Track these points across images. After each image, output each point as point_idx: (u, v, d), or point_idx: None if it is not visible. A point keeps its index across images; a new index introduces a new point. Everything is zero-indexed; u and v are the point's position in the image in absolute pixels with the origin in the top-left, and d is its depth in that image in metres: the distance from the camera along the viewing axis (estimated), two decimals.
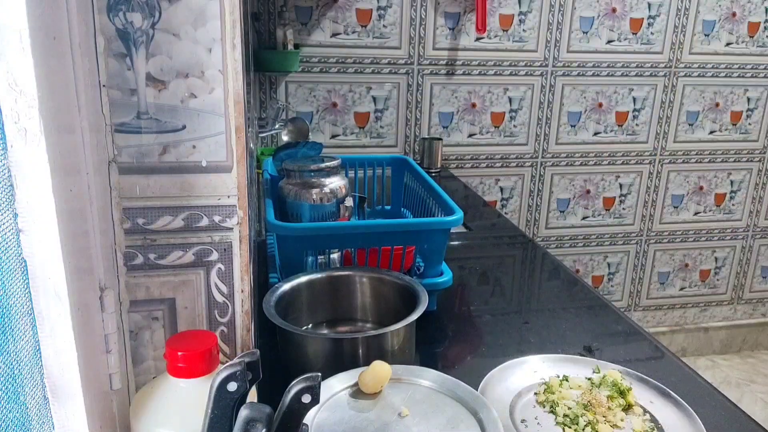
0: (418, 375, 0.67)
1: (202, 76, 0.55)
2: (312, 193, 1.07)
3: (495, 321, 1.01)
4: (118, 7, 0.51)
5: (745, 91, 2.45)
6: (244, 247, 0.60)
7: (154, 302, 0.59)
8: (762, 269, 2.73)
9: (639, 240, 2.56)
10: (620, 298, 2.62)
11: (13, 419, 0.44)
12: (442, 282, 0.99)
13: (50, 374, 0.47)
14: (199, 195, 0.57)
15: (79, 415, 0.48)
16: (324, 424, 0.60)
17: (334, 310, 0.90)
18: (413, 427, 0.59)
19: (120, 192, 0.55)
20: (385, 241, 0.95)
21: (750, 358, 2.78)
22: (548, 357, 0.84)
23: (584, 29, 2.23)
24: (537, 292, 1.20)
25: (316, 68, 2.07)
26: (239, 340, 0.63)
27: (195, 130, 0.56)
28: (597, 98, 2.32)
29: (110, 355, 0.54)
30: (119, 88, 0.53)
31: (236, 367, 0.46)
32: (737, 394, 2.47)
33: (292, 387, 0.46)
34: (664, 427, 0.72)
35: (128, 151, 0.55)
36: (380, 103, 2.16)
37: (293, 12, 2.01)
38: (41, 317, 0.45)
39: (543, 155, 2.35)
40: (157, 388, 0.54)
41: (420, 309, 0.78)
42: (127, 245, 0.57)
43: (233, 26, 0.54)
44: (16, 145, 0.41)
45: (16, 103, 0.41)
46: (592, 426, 0.71)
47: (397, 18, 2.09)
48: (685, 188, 2.53)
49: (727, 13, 2.33)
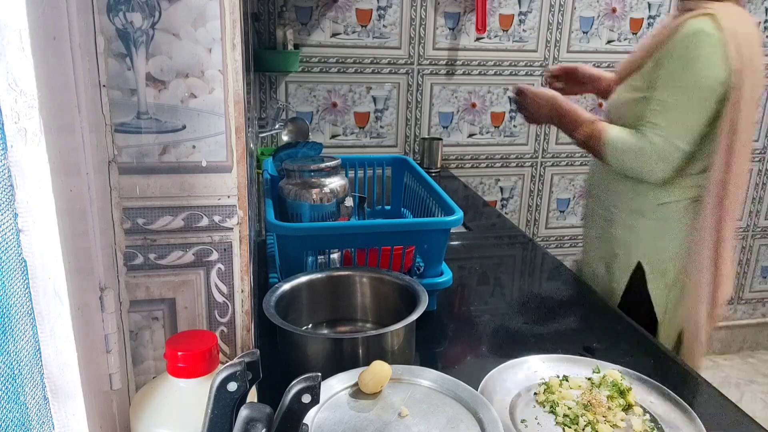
0: (418, 375, 0.67)
1: (202, 76, 0.55)
2: (312, 193, 1.07)
3: (495, 321, 1.01)
4: (118, 7, 0.51)
5: None
6: (244, 247, 0.60)
7: (154, 302, 0.59)
8: (762, 269, 2.73)
9: None
10: None
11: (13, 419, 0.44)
12: (442, 282, 0.99)
13: (50, 374, 0.47)
14: (199, 195, 0.57)
15: (79, 415, 0.48)
16: (324, 424, 0.60)
17: (334, 310, 0.90)
18: (413, 427, 0.59)
19: (120, 192, 0.55)
20: (385, 241, 0.95)
21: (750, 358, 2.77)
22: (548, 357, 0.84)
23: (584, 29, 2.23)
24: (537, 292, 1.20)
25: (316, 68, 2.07)
26: (239, 340, 0.63)
27: (195, 130, 0.56)
28: (597, 98, 2.32)
29: (110, 355, 0.54)
30: (119, 88, 0.53)
31: (236, 367, 0.46)
32: (737, 394, 2.47)
33: (292, 387, 0.46)
34: (664, 427, 0.72)
35: (128, 151, 0.55)
36: (380, 103, 2.16)
37: (293, 12, 2.01)
38: (41, 317, 0.45)
39: (543, 155, 2.35)
40: (157, 388, 0.54)
41: (420, 309, 0.78)
42: (127, 245, 0.57)
43: (233, 26, 0.54)
44: (16, 145, 0.41)
45: (16, 103, 0.41)
46: (592, 426, 0.71)
47: (397, 18, 2.09)
48: None
49: None
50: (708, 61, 1.13)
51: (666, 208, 1.27)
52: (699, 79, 1.14)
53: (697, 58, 1.14)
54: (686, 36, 1.16)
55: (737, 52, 1.13)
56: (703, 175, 1.23)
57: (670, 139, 1.17)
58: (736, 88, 1.14)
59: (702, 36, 1.14)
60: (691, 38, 1.15)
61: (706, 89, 1.15)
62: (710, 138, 1.20)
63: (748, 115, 1.17)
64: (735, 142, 1.18)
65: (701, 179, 1.24)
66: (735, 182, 1.21)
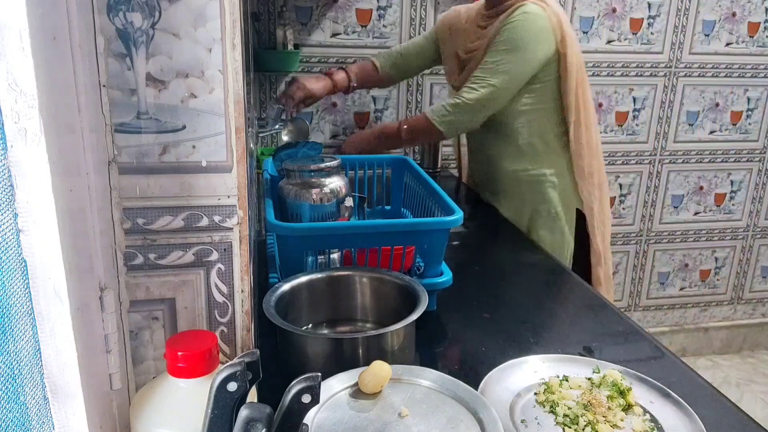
0: (418, 375, 0.67)
1: (202, 76, 0.55)
2: (312, 193, 1.07)
3: (495, 321, 1.01)
4: (118, 7, 0.51)
5: (745, 91, 2.45)
6: (244, 247, 0.61)
7: (154, 302, 0.59)
8: (762, 269, 2.73)
9: (639, 240, 2.56)
10: (620, 298, 2.62)
11: (13, 419, 0.44)
12: (442, 282, 0.99)
13: (50, 374, 0.47)
14: (199, 195, 0.57)
15: (79, 415, 0.48)
16: (324, 424, 0.60)
17: (334, 310, 0.90)
18: (413, 427, 0.59)
19: (120, 192, 0.55)
20: (385, 241, 0.95)
21: (750, 358, 2.78)
22: (548, 357, 0.84)
23: (584, 29, 2.23)
24: (537, 292, 1.20)
25: (316, 68, 2.07)
26: (239, 340, 0.63)
27: (195, 130, 0.56)
28: (597, 98, 2.32)
29: (110, 355, 0.54)
30: (119, 88, 0.53)
31: (236, 367, 0.46)
32: (737, 394, 2.47)
33: (292, 387, 0.46)
34: (664, 427, 0.72)
35: (128, 151, 0.55)
36: (380, 103, 2.16)
37: (293, 12, 2.01)
38: (41, 317, 0.45)
39: None
40: (157, 388, 0.54)
41: (420, 309, 0.78)
42: (127, 245, 0.57)
43: (233, 26, 0.54)
44: (16, 145, 0.41)
45: (16, 103, 0.41)
46: (592, 426, 0.71)
47: (397, 18, 2.09)
48: (685, 188, 2.53)
49: (727, 13, 2.33)
50: (539, 35, 1.42)
51: (549, 163, 1.57)
52: (528, 45, 1.42)
53: (527, 32, 1.41)
54: (516, 16, 1.42)
55: (559, 26, 1.43)
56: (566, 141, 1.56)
57: (487, 80, 1.44)
58: (563, 54, 1.45)
59: (530, 14, 1.41)
60: (520, 17, 1.41)
61: (534, 51, 1.43)
62: (556, 110, 1.53)
63: (581, 73, 1.50)
64: (579, 96, 1.49)
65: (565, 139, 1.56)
66: (588, 127, 1.53)
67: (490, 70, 1.44)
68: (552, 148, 1.57)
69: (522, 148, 1.57)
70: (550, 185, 1.58)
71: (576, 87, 1.48)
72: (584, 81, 1.51)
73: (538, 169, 1.58)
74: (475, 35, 1.57)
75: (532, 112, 1.53)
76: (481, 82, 1.45)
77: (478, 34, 1.55)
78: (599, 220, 1.60)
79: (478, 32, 1.55)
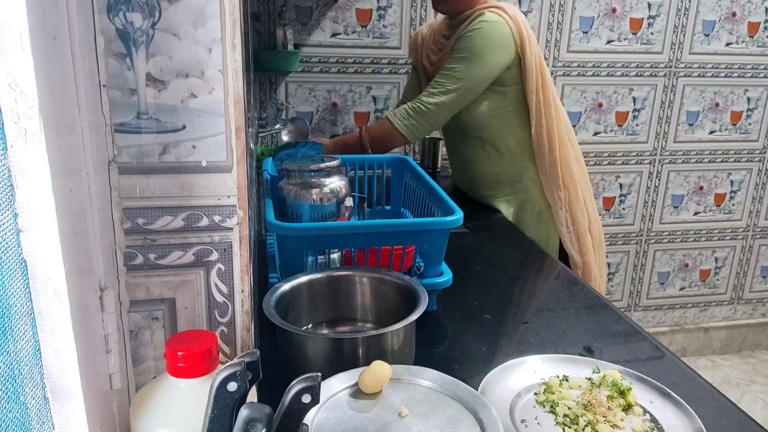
0: (418, 375, 0.67)
1: (202, 76, 0.55)
2: (312, 193, 1.07)
3: (495, 321, 1.01)
4: (118, 7, 0.51)
5: (745, 91, 2.45)
6: (244, 247, 0.60)
7: (154, 302, 0.59)
8: (762, 269, 2.73)
9: (639, 240, 2.56)
10: (620, 298, 2.62)
11: (13, 419, 0.44)
12: (442, 282, 0.99)
13: (50, 374, 0.47)
14: (199, 195, 0.57)
15: (79, 415, 0.48)
16: (324, 424, 0.60)
17: (334, 310, 0.90)
18: (413, 427, 0.59)
19: (120, 192, 0.55)
20: (385, 241, 0.95)
21: (750, 358, 2.78)
22: (548, 357, 0.84)
23: (584, 29, 2.23)
24: (537, 292, 1.20)
25: (316, 68, 2.08)
26: (239, 340, 0.63)
27: (195, 130, 0.56)
28: (597, 98, 2.32)
29: (110, 355, 0.54)
30: (119, 88, 0.53)
31: (236, 367, 0.46)
32: (737, 394, 2.47)
33: (292, 387, 0.46)
34: (664, 427, 0.72)
35: (128, 151, 0.55)
36: (380, 103, 2.16)
37: (293, 12, 2.01)
38: (41, 317, 0.45)
39: None
40: (157, 388, 0.54)
41: (420, 309, 0.78)
42: (127, 245, 0.57)
43: (233, 26, 0.54)
44: (16, 145, 0.41)
45: (16, 103, 0.41)
46: (592, 426, 0.71)
47: (397, 18, 2.09)
48: (685, 188, 2.53)
49: (727, 13, 2.33)
50: (496, 42, 1.46)
51: (528, 163, 1.62)
52: (484, 52, 1.47)
53: (485, 39, 1.46)
54: (474, 24, 1.47)
55: (518, 32, 1.48)
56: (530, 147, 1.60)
57: (446, 86, 1.50)
58: (523, 56, 1.50)
59: (489, 23, 1.46)
60: (479, 25, 1.46)
61: (492, 59, 1.47)
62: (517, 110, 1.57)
63: (542, 76, 1.53)
64: (540, 99, 1.54)
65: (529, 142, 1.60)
66: (550, 129, 1.57)
67: (449, 77, 1.50)
68: (527, 149, 1.61)
69: (499, 150, 1.61)
70: (531, 183, 1.63)
71: (537, 90, 1.53)
72: (545, 83, 1.54)
73: (517, 169, 1.63)
74: (438, 45, 1.64)
75: (502, 116, 1.58)
76: (440, 88, 1.51)
77: (441, 44, 1.62)
78: (569, 222, 1.64)
79: (442, 42, 1.62)
